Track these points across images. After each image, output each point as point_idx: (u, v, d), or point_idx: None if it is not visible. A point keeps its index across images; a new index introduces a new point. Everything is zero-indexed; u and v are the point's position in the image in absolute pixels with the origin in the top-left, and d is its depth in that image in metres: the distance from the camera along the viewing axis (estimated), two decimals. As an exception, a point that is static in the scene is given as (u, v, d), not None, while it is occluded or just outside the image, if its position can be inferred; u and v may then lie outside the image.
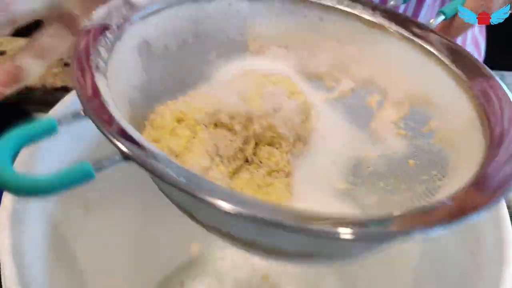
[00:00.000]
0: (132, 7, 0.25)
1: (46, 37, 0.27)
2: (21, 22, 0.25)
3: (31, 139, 0.17)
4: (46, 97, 0.30)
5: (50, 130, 0.18)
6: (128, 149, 0.17)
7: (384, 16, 0.32)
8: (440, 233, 0.18)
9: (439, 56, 0.30)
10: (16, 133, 0.17)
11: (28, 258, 0.26)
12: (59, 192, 0.16)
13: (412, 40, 0.31)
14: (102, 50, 0.22)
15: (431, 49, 0.30)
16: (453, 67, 0.29)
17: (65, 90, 0.49)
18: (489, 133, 0.25)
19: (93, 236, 0.33)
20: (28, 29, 0.28)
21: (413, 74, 0.31)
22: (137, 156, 0.17)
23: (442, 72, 0.30)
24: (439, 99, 0.30)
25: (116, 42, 0.23)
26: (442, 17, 0.33)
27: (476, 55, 0.60)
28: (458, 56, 0.30)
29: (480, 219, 0.28)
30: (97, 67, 0.21)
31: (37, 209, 0.28)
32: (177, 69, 0.28)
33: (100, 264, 0.34)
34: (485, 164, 0.22)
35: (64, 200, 0.30)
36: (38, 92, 0.37)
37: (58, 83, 0.38)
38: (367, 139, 0.31)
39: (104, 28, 0.23)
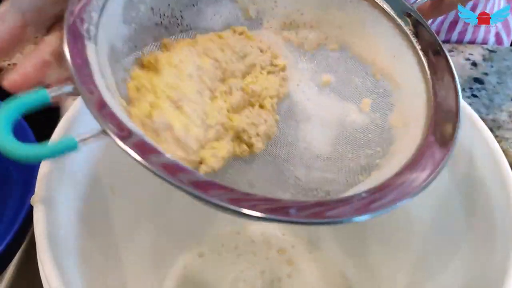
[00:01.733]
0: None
1: None
2: None
3: (26, 109, 0.20)
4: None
5: (42, 101, 0.20)
6: (107, 127, 0.20)
7: None
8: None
9: (413, 40, 0.32)
10: (13, 104, 0.20)
11: (62, 231, 0.28)
12: (49, 158, 0.20)
13: (394, 19, 0.33)
14: (93, 14, 0.23)
15: (408, 32, 0.32)
16: (422, 55, 0.31)
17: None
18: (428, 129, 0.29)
19: (119, 213, 0.37)
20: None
21: (387, 50, 0.33)
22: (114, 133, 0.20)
23: (412, 57, 0.32)
24: (401, 79, 0.33)
25: (107, 2, 0.25)
26: (430, -3, 0.34)
27: (504, 35, 0.60)
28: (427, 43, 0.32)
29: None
30: (88, 35, 0.22)
31: (69, 191, 0.30)
32: (158, 18, 0.30)
33: (126, 236, 0.38)
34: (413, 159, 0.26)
35: (93, 185, 0.33)
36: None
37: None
38: (331, 103, 0.34)
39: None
